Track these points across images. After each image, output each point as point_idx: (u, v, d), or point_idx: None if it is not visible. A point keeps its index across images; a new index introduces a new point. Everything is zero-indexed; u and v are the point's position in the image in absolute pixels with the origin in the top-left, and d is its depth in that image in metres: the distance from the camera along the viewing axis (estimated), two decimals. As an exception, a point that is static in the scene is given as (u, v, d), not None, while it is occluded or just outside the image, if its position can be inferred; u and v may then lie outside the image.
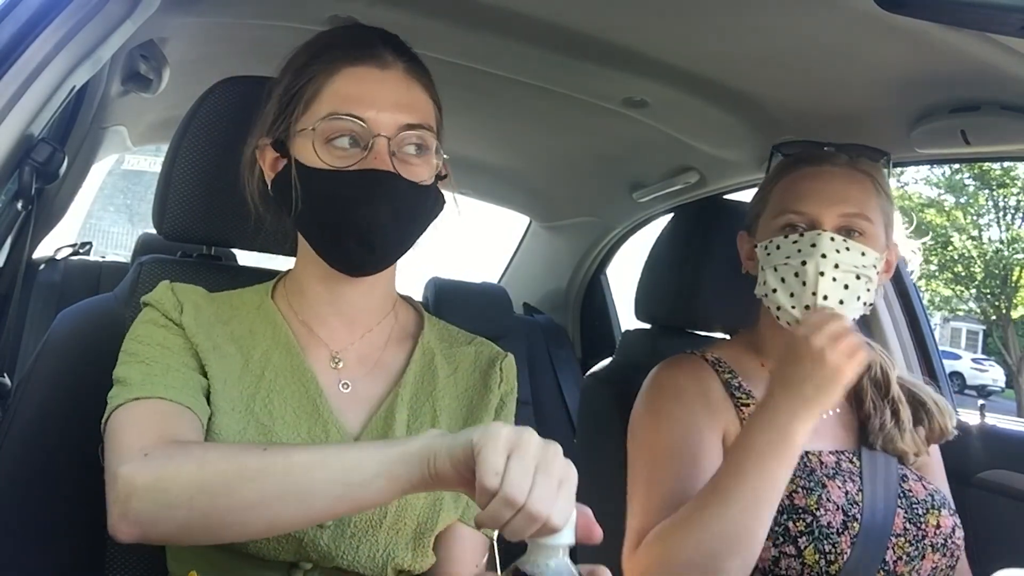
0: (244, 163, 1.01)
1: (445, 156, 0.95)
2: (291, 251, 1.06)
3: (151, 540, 0.78)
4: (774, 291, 1.14)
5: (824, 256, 1.10)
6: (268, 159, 0.97)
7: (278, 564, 0.91)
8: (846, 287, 1.11)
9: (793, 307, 1.12)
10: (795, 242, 1.14)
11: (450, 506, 0.97)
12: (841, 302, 1.10)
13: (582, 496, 0.70)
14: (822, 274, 1.10)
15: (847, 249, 1.11)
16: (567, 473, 0.69)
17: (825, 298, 1.09)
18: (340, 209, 0.90)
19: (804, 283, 1.11)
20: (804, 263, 1.11)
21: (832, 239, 1.12)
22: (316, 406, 0.94)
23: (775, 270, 1.15)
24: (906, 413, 1.23)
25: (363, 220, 0.90)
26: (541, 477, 0.66)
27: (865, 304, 1.13)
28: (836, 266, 1.10)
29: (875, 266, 1.13)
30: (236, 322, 0.98)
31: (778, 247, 1.15)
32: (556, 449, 0.69)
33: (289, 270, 1.05)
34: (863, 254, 1.12)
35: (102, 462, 0.84)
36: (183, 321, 0.93)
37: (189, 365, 0.91)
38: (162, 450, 0.80)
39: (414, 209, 0.93)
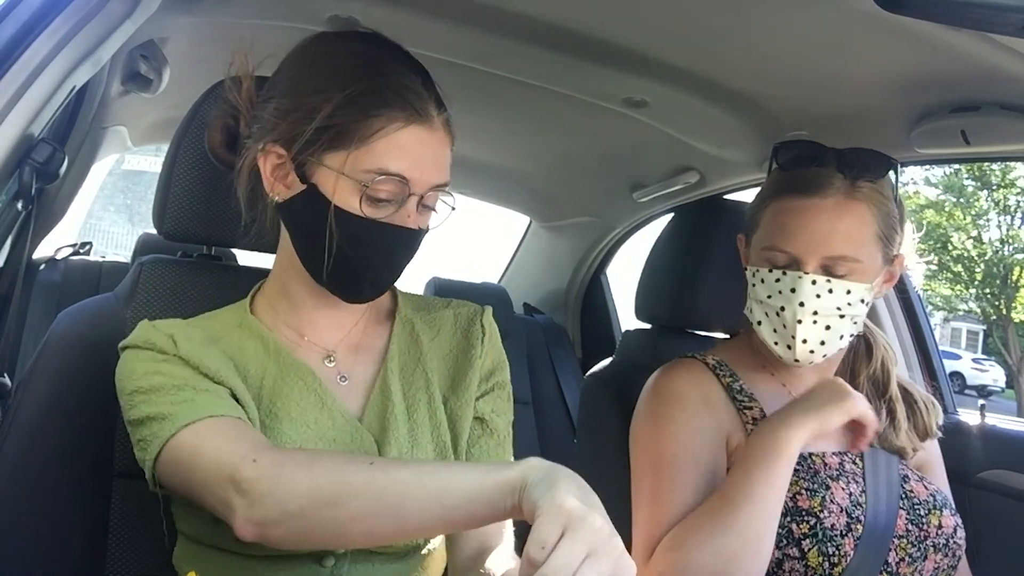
0: (243, 164, 0.97)
1: (451, 196, 0.98)
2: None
3: (269, 543, 0.79)
4: (759, 323, 1.17)
5: (802, 304, 1.11)
6: (271, 166, 0.93)
7: (305, 556, 0.90)
8: (827, 327, 1.13)
9: (776, 343, 1.15)
10: (777, 280, 1.14)
11: None
12: (822, 343, 1.13)
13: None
14: (800, 321, 1.11)
15: (829, 292, 1.11)
16: (621, 570, 0.64)
17: (804, 342, 1.12)
18: (364, 257, 0.93)
19: (784, 325, 1.13)
20: (783, 308, 1.12)
21: (814, 282, 1.11)
22: (319, 395, 0.95)
23: (760, 303, 1.17)
24: (902, 411, 1.23)
25: (382, 269, 0.95)
26: (589, 566, 0.62)
27: (851, 335, 1.16)
28: (815, 312, 1.11)
29: (863, 300, 1.14)
30: (224, 341, 0.96)
31: (762, 280, 1.16)
32: (617, 543, 0.65)
33: (264, 281, 1.04)
34: (848, 292, 1.12)
35: (157, 492, 0.88)
36: (180, 352, 0.90)
37: (208, 387, 0.89)
38: (268, 456, 0.79)
39: (418, 248, 0.98)
